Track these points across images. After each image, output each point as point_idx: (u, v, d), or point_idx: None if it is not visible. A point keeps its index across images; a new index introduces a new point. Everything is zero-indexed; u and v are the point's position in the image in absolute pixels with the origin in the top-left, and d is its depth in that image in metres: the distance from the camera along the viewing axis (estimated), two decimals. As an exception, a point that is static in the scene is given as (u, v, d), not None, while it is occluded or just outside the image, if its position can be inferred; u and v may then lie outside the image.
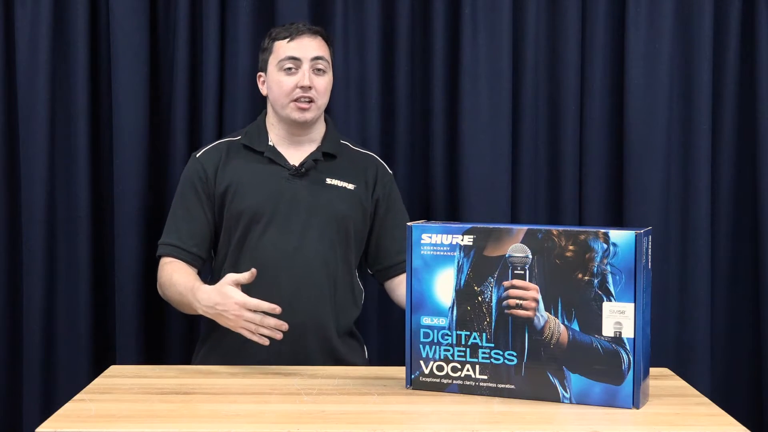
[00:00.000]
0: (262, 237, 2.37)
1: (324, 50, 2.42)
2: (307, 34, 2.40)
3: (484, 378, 1.92)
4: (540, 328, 1.87)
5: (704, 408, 1.85)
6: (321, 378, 2.05)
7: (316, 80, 2.39)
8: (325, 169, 2.43)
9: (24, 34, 2.75)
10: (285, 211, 2.37)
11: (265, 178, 2.40)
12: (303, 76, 2.37)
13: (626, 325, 1.82)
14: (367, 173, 2.48)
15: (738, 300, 2.87)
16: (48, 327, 2.79)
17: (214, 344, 2.41)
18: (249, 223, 2.37)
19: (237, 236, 2.39)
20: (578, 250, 1.84)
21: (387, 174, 2.53)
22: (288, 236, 2.37)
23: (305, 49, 2.39)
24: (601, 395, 1.84)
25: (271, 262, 2.34)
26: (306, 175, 2.41)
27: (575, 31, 2.81)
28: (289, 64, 2.38)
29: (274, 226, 2.37)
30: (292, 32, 2.40)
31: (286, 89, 2.38)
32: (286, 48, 2.39)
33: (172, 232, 2.42)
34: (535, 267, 1.87)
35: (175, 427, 1.70)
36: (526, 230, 1.87)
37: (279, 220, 2.37)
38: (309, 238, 2.37)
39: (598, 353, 1.84)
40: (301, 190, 2.39)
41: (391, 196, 2.51)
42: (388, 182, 2.52)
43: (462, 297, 1.92)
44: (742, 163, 2.85)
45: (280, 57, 2.39)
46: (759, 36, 2.78)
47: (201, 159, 2.44)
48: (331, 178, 2.42)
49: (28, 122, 2.77)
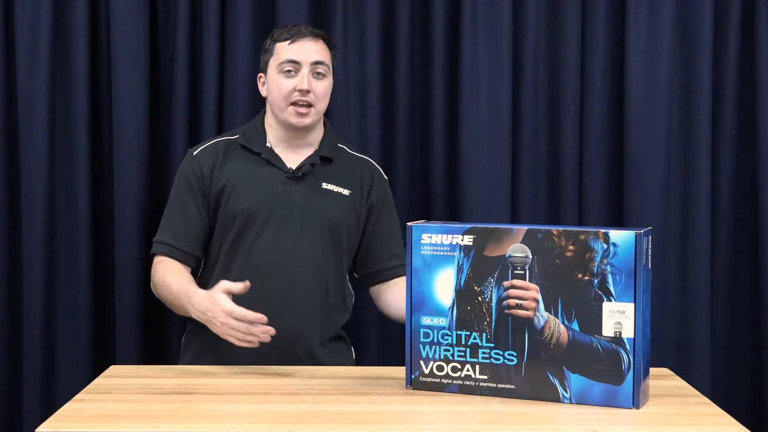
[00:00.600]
0: (256, 240, 2.36)
1: (325, 54, 2.41)
2: (308, 38, 2.39)
3: (484, 378, 1.92)
4: (540, 328, 1.87)
5: (704, 408, 1.85)
6: (321, 378, 2.05)
7: (315, 84, 2.37)
8: (321, 174, 2.42)
9: (24, 34, 2.75)
10: (280, 215, 2.36)
11: (261, 180, 2.39)
12: (302, 80, 2.35)
13: (626, 325, 1.82)
14: (363, 179, 2.47)
15: (738, 300, 2.87)
16: (48, 327, 2.79)
17: (201, 344, 2.39)
18: (243, 224, 2.36)
19: (231, 237, 2.38)
20: (578, 250, 1.84)
21: (382, 180, 2.53)
22: (282, 240, 2.36)
23: (306, 52, 2.37)
24: (601, 395, 1.84)
25: (264, 266, 2.34)
26: (302, 179, 2.40)
27: (575, 31, 2.81)
28: (288, 66, 2.37)
29: (268, 229, 2.36)
30: (293, 34, 2.39)
31: (285, 92, 2.37)
32: (286, 50, 2.38)
33: (166, 230, 2.42)
34: (535, 267, 1.87)
35: (175, 427, 1.70)
36: (526, 230, 1.87)
37: (273, 223, 2.36)
38: (302, 243, 2.37)
39: (598, 353, 1.84)
40: (297, 194, 2.38)
41: (385, 203, 2.50)
42: (383, 189, 2.51)
43: (462, 297, 1.92)
44: (741, 162, 2.85)
45: (281, 59, 2.38)
46: (759, 36, 2.78)
47: (198, 157, 2.43)
48: (327, 183, 2.41)
49: (28, 122, 2.77)
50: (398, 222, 2.53)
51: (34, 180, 2.77)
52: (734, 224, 2.86)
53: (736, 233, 2.86)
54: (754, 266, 2.82)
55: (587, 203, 2.83)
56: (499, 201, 2.78)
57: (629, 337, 1.81)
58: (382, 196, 2.50)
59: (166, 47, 2.83)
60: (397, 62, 2.83)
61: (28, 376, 2.79)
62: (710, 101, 2.80)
